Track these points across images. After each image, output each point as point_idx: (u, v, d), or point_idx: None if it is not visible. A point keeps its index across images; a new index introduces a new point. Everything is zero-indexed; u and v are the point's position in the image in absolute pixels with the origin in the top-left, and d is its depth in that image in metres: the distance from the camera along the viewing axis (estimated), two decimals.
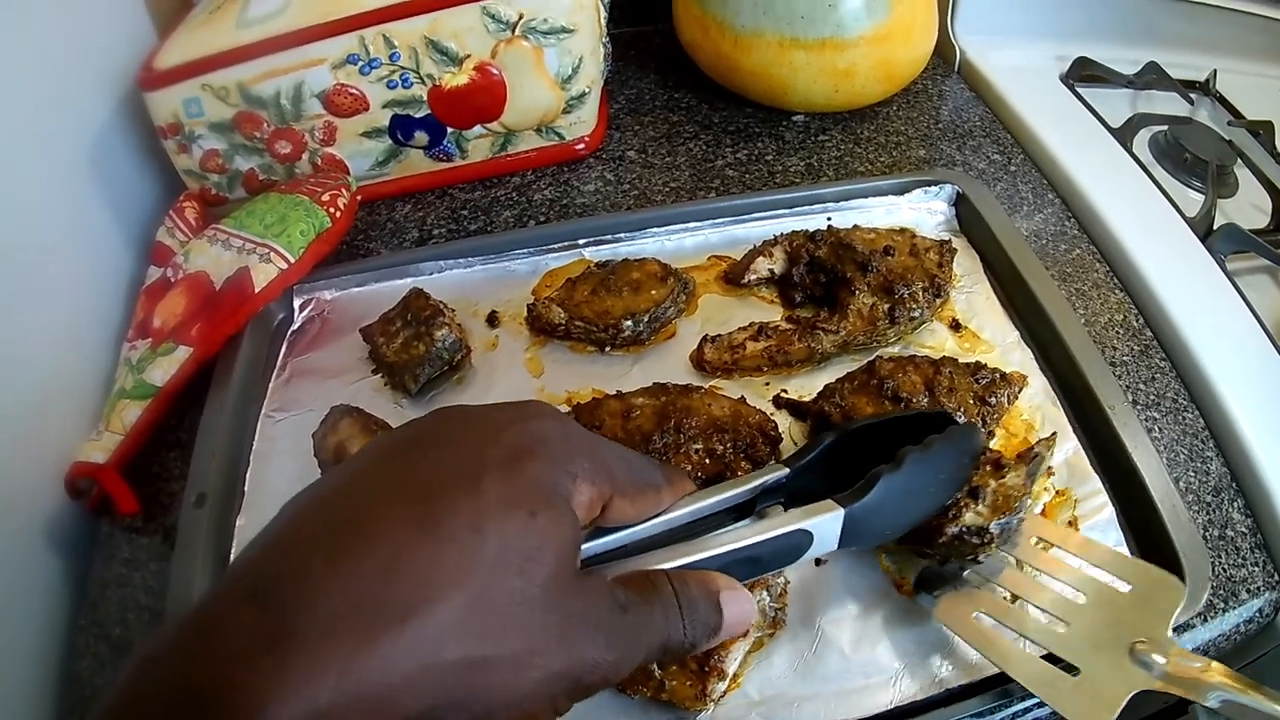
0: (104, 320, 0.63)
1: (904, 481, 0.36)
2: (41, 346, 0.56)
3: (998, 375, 0.53)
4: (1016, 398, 0.54)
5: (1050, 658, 0.42)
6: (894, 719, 0.43)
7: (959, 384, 0.52)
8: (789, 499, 0.36)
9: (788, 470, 0.35)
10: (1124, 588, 0.42)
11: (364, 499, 0.25)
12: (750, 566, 0.32)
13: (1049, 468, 0.52)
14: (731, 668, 0.43)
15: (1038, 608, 0.43)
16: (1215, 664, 0.38)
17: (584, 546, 0.30)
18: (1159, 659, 0.38)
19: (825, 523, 0.33)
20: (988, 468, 0.45)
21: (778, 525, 0.33)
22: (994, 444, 0.53)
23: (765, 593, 0.45)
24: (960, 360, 0.54)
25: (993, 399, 0.52)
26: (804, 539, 0.33)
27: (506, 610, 0.24)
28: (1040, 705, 0.45)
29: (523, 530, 0.25)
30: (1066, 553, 0.45)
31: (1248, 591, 0.50)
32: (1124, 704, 0.37)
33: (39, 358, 0.55)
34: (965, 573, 0.45)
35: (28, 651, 0.50)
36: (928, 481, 0.39)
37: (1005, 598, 0.45)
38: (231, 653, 0.21)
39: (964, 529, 0.43)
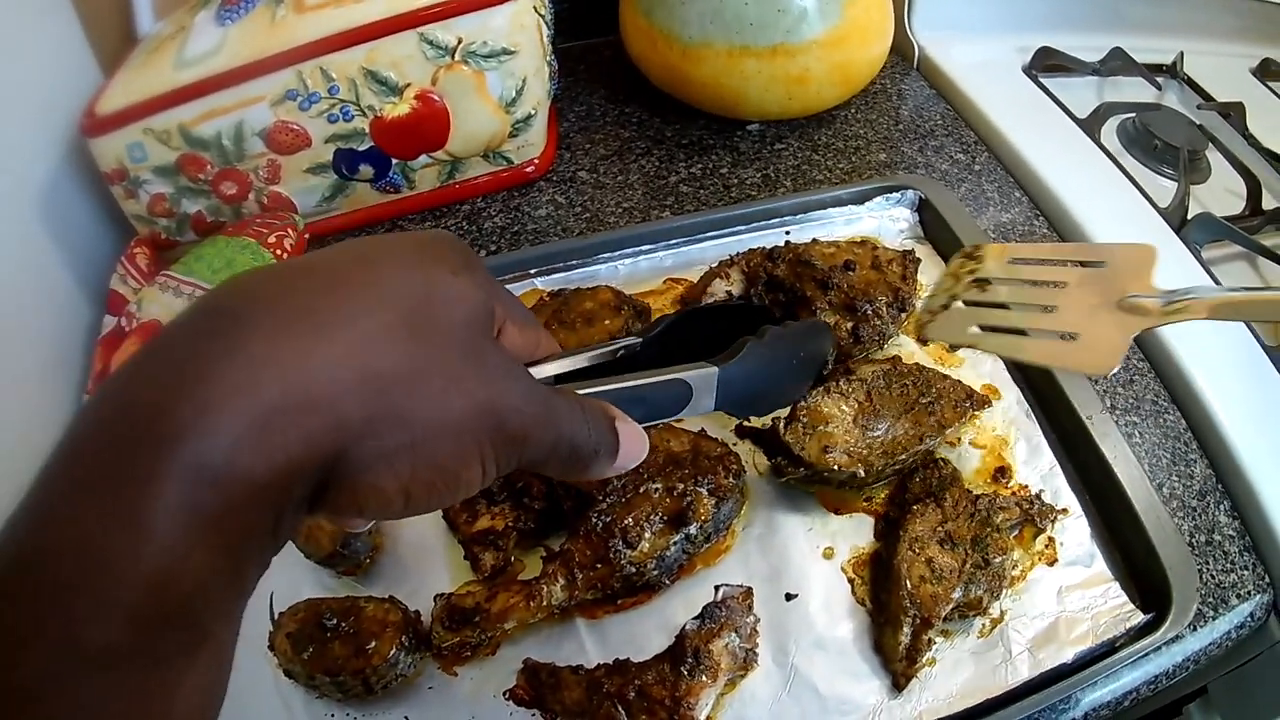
0: (66, 371, 0.62)
1: (767, 352, 0.42)
2: (2, 399, 0.54)
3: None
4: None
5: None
6: None
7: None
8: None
9: (640, 340, 0.39)
10: (1100, 267, 0.43)
11: (307, 258, 0.28)
12: (637, 407, 0.34)
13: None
14: (702, 715, 0.42)
15: (1025, 305, 0.44)
16: (1201, 287, 0.38)
17: None
18: (1149, 302, 0.39)
19: (701, 376, 0.37)
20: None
21: (659, 373, 0.36)
22: (972, 462, 0.52)
23: (734, 634, 0.44)
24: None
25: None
26: (683, 389, 0.37)
27: (434, 331, 0.26)
28: None
29: (446, 279, 0.28)
30: (1039, 260, 0.46)
31: (1238, 597, 0.49)
32: (1128, 346, 0.39)
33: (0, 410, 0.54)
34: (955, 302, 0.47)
35: None
36: (787, 359, 0.45)
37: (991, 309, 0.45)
38: (180, 365, 0.23)
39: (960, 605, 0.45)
